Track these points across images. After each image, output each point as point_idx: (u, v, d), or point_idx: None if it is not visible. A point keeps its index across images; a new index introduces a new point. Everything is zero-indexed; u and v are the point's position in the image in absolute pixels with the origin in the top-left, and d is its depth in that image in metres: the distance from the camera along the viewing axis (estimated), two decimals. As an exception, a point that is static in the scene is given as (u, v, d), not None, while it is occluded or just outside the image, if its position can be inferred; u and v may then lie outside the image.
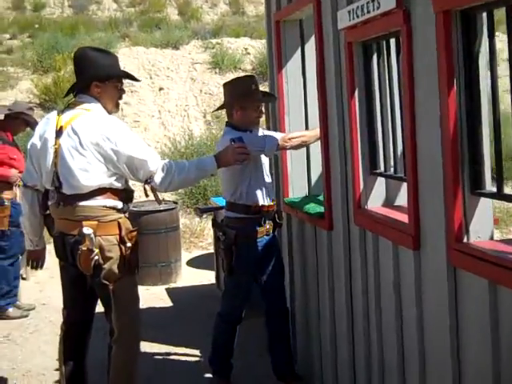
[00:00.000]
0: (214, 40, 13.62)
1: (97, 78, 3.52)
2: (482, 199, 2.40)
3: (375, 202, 3.35)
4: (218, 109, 4.48)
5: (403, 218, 2.96)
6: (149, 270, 6.98)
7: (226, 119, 4.31)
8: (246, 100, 4.05)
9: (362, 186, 3.34)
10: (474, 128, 2.35)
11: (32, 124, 5.95)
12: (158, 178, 3.46)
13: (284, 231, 4.64)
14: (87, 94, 3.54)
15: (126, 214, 3.58)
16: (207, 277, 7.24)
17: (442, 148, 2.42)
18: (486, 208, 2.40)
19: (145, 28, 16.19)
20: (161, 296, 6.68)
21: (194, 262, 7.97)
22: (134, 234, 3.55)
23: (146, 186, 3.51)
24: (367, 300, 3.34)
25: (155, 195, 3.58)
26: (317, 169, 4.60)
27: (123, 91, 3.68)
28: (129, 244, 3.47)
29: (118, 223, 3.47)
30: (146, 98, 11.71)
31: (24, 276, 7.02)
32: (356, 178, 3.33)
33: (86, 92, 3.54)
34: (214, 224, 4.32)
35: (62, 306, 3.72)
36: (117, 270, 3.45)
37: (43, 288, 6.78)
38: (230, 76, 12.62)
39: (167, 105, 11.70)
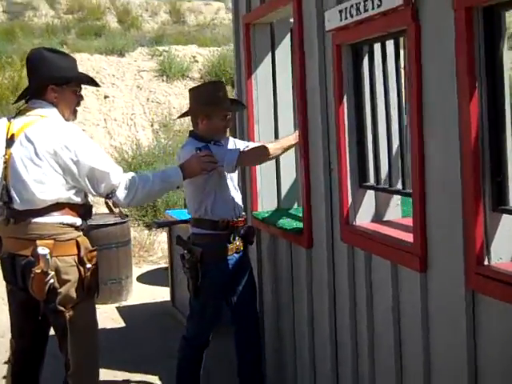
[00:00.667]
0: (161, 47, 13.26)
1: (54, 80, 3.16)
2: (505, 216, 2.16)
3: (364, 218, 3.10)
4: (182, 116, 4.15)
5: (403, 235, 2.71)
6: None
7: (191, 128, 3.99)
8: (213, 108, 3.70)
9: (350, 200, 3.08)
10: (497, 137, 2.11)
11: None
12: (120, 193, 3.15)
13: (252, 248, 4.34)
14: (42, 99, 3.17)
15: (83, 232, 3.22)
16: (160, 293, 6.86)
17: (461, 159, 2.17)
18: (508, 226, 2.16)
19: (84, 35, 15.75)
20: (112, 315, 6.27)
21: (145, 278, 7.58)
22: (94, 253, 3.19)
23: (108, 201, 3.17)
24: (355, 325, 3.07)
25: (118, 211, 3.26)
26: (287, 180, 4.35)
27: (82, 97, 3.31)
28: (88, 265, 3.11)
29: (77, 242, 3.10)
30: (90, 106, 11.25)
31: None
32: (343, 192, 3.07)
33: (41, 97, 3.17)
34: (179, 241, 3.98)
35: (3, 329, 3.34)
36: (74, 295, 3.09)
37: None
38: (178, 84, 12.34)
39: (113, 113, 11.28)
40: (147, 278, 7.50)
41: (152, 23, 20.14)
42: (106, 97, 11.55)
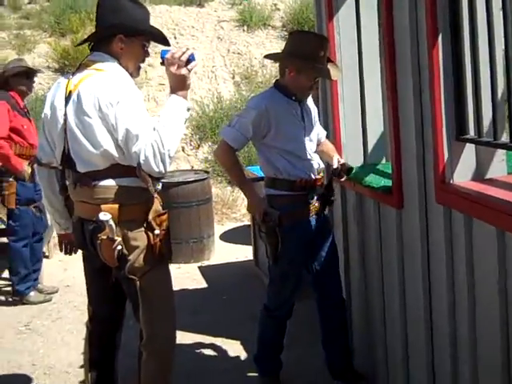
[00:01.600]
0: (241, -4, 12.81)
1: (124, 30, 2.87)
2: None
3: (463, 175, 2.70)
4: (272, 57, 3.78)
5: None
6: (180, 246, 6.39)
7: (275, 78, 3.63)
8: (308, 66, 3.33)
9: (446, 155, 2.68)
10: None
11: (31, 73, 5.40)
12: (144, 161, 2.68)
13: (337, 207, 4.01)
14: (104, 52, 2.90)
15: (156, 194, 2.94)
16: (243, 252, 6.66)
17: None
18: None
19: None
20: (194, 275, 6.11)
21: (228, 236, 7.38)
22: (164, 217, 2.94)
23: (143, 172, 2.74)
24: (454, 298, 2.70)
25: (150, 182, 2.79)
26: (374, 133, 3.97)
27: (148, 54, 3.00)
28: (157, 231, 2.87)
29: (145, 205, 2.87)
30: (170, 60, 11.03)
31: (47, 254, 6.52)
32: (438, 146, 2.68)
33: (105, 47, 2.90)
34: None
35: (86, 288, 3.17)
36: (143, 262, 2.86)
37: (67, 267, 6.19)
38: (260, 34, 11.92)
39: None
40: (230, 236, 7.31)
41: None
42: (187, 89, 11.26)
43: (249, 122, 3.35)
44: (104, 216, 2.75)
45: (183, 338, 4.54)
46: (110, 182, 2.83)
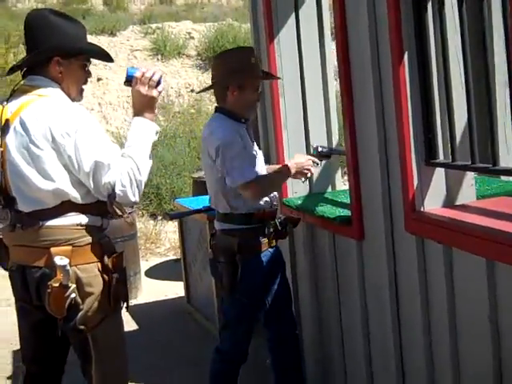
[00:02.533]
0: (154, 24, 12.57)
1: (60, 51, 2.56)
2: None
3: (434, 202, 2.53)
4: (205, 90, 3.52)
5: (497, 224, 2.15)
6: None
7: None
8: (246, 77, 3.15)
9: (415, 181, 2.51)
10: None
11: None
12: (121, 189, 2.44)
13: (283, 241, 3.78)
14: (42, 75, 2.58)
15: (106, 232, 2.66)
16: (172, 289, 6.31)
17: None
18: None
19: (70, 19, 15.02)
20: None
21: (154, 272, 7.01)
22: (121, 257, 2.64)
23: (113, 204, 2.51)
24: (430, 343, 2.51)
25: (123, 214, 2.58)
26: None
27: (90, 74, 2.71)
28: (116, 274, 2.56)
29: (100, 246, 2.56)
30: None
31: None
32: (407, 171, 2.50)
33: (41, 71, 2.59)
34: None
35: (10, 338, 2.78)
36: (99, 310, 2.54)
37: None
38: (174, 63, 11.73)
39: (107, 96, 10.67)
40: (157, 273, 6.95)
41: (139, 4, 19.44)
42: (99, 79, 10.92)
43: (240, 152, 3.08)
44: (61, 261, 2.42)
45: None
46: (60, 221, 2.50)
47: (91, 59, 2.73)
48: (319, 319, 3.49)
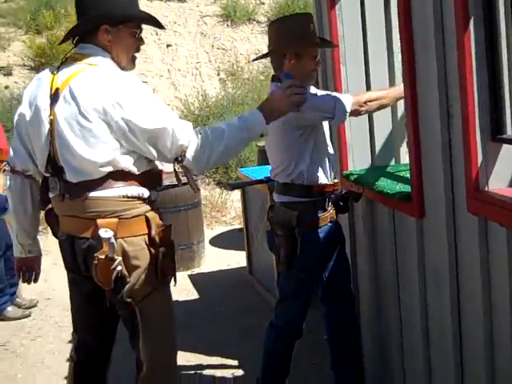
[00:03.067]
0: (224, -11, 12.43)
1: (108, 19, 2.50)
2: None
3: (499, 181, 2.35)
4: (261, 57, 3.39)
5: None
6: (168, 254, 6.05)
7: (273, 73, 3.28)
8: (303, 44, 3.03)
9: (480, 159, 2.33)
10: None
11: None
12: (192, 155, 2.43)
13: (342, 215, 3.65)
14: (92, 43, 2.53)
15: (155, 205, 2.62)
16: (235, 258, 6.31)
17: None
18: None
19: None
20: (184, 285, 5.73)
21: (218, 241, 7.01)
22: (169, 230, 2.59)
23: (177, 167, 2.48)
24: (491, 322, 2.35)
25: (190, 180, 2.54)
26: (382, 132, 3.62)
27: (142, 41, 2.63)
28: (162, 248, 2.51)
29: (146, 218, 2.51)
30: (152, 56, 10.61)
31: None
32: (471, 147, 2.32)
33: (91, 40, 2.53)
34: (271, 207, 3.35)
35: (68, 301, 2.77)
36: (146, 283, 2.51)
37: (47, 277, 5.80)
38: (244, 29, 11.57)
39: (177, 63, 10.62)
40: (221, 241, 6.93)
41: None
42: (168, 45, 10.87)
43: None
44: (105, 233, 2.38)
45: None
46: (106, 193, 2.46)
47: (143, 27, 2.65)
48: (377, 296, 3.36)
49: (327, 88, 3.69)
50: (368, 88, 3.55)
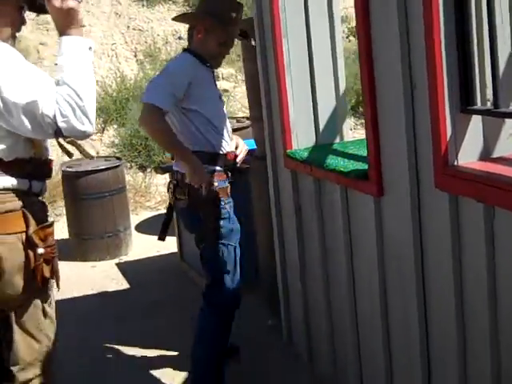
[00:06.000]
0: (138, -33, 11.97)
1: None
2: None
3: (469, 155, 2.23)
4: (180, 19, 3.41)
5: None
6: (93, 242, 5.78)
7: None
8: (213, 22, 3.13)
9: (449, 132, 2.20)
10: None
11: None
12: (64, 122, 2.11)
13: (287, 197, 3.50)
14: None
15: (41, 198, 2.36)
16: (164, 244, 5.93)
17: None
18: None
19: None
20: (112, 274, 5.46)
21: (144, 227, 6.71)
22: (51, 230, 2.30)
23: (61, 141, 2.30)
24: (462, 309, 2.24)
25: (80, 150, 2.40)
26: (326, 109, 3.48)
27: (25, 21, 2.37)
28: (41, 249, 2.22)
29: (23, 214, 2.22)
30: (66, 37, 10.13)
31: None
32: (440, 119, 2.19)
33: None
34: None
35: None
36: (20, 289, 2.24)
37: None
38: (160, 9, 11.21)
39: (91, 44, 10.18)
40: (147, 227, 6.64)
41: None
42: (82, 26, 10.40)
43: (177, 81, 3.05)
44: None
45: (108, 351, 3.95)
46: None
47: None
48: (328, 282, 3.22)
49: (266, 61, 3.52)
50: (311, 62, 3.41)
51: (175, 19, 3.38)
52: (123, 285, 5.21)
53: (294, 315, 3.67)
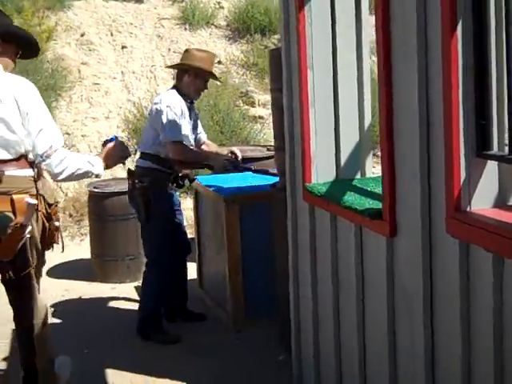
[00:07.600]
0: (183, -8, 12.12)
1: None
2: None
3: (483, 201, 2.15)
4: (172, 67, 5.24)
5: None
6: (115, 264, 5.76)
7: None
8: (206, 70, 4.43)
9: (462, 176, 2.13)
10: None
11: None
12: (55, 160, 3.04)
13: (304, 228, 3.43)
14: None
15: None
16: (185, 270, 5.98)
17: None
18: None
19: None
20: (131, 296, 5.43)
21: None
22: (56, 208, 3.23)
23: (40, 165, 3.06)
24: (469, 353, 2.15)
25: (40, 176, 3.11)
26: (348, 143, 3.42)
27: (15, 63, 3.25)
28: (57, 222, 3.22)
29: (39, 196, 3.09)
30: (106, 58, 10.25)
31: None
32: (454, 163, 2.11)
33: None
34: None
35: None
36: (39, 250, 3.13)
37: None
38: (202, 33, 11.29)
39: (131, 65, 10.26)
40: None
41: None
42: (123, 47, 10.52)
43: (178, 118, 4.35)
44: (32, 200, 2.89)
45: (118, 379, 3.91)
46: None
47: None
48: (338, 319, 3.13)
49: (291, 92, 3.48)
50: (335, 95, 3.36)
51: (171, 67, 5.58)
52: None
53: (304, 351, 3.58)
